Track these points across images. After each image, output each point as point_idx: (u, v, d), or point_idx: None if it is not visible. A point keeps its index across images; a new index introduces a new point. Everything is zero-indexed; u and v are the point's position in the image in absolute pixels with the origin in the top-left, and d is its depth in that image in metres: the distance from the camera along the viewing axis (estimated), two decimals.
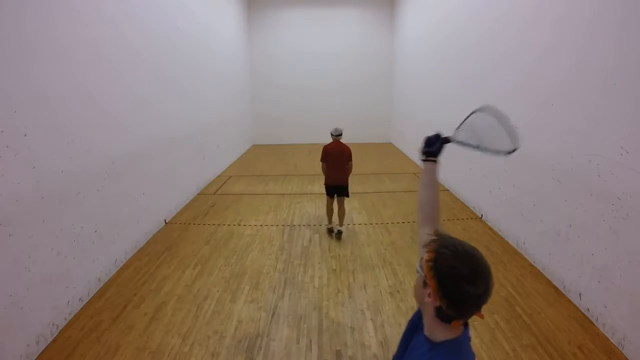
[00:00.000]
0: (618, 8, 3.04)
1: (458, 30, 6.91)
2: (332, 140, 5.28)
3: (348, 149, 5.16)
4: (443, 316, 1.04)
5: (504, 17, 5.08)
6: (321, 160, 5.33)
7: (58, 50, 3.37)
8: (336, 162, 5.16)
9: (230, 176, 8.83)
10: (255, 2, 12.68)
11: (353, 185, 7.84)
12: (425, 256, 1.03)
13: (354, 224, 5.65)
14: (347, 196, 5.27)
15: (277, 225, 5.64)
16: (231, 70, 10.58)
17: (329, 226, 5.35)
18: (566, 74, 3.71)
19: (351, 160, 5.18)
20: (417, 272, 1.08)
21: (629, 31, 2.92)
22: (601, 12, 3.23)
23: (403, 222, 5.72)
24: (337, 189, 5.20)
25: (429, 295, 1.02)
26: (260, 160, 10.77)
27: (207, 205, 6.60)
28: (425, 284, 1.03)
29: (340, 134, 5.22)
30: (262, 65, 13.06)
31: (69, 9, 3.56)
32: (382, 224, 5.64)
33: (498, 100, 5.27)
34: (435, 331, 1.10)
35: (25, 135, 2.95)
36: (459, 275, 0.96)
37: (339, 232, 5.14)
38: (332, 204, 5.34)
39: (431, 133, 1.62)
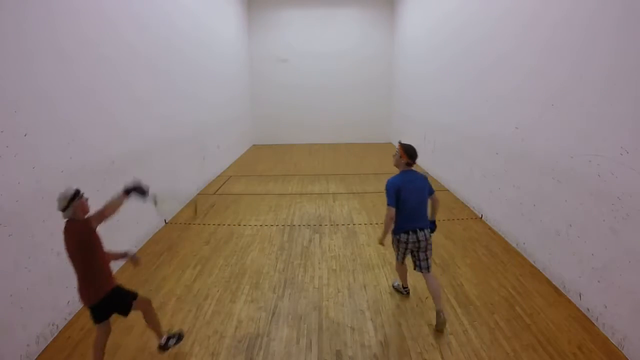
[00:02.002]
0: (618, 8, 3.04)
1: (458, 31, 6.91)
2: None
3: None
4: (406, 163, 3.28)
5: (504, 17, 5.08)
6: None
7: (58, 50, 3.38)
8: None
9: (230, 176, 8.83)
10: (255, 2, 12.69)
11: (353, 185, 7.88)
12: (398, 146, 3.32)
13: (354, 224, 5.65)
14: None
15: (277, 225, 5.64)
16: (231, 70, 10.58)
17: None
18: (566, 74, 3.71)
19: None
20: (394, 155, 3.37)
21: (628, 31, 2.92)
22: (601, 12, 3.23)
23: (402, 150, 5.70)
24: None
25: (400, 157, 3.29)
26: (260, 160, 10.77)
27: (207, 205, 6.60)
28: (400, 156, 3.29)
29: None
30: (262, 65, 13.06)
31: (69, 9, 3.57)
32: (382, 224, 5.63)
33: (498, 101, 5.27)
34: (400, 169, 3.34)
35: (25, 135, 2.95)
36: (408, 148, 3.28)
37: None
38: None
39: (431, 133, 1.65)
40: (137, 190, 2.89)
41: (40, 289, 3.06)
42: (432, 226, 3.36)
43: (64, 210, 2.46)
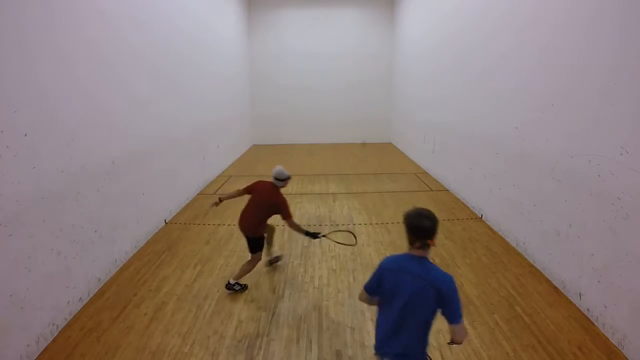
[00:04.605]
0: (618, 8, 3.04)
1: (458, 31, 6.91)
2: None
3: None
4: (409, 242, 1.92)
5: (504, 17, 5.08)
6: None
7: (58, 50, 3.38)
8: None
9: (230, 176, 8.82)
10: (255, 2, 12.69)
11: (353, 185, 7.88)
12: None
13: (354, 224, 5.65)
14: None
15: (277, 225, 5.63)
16: (231, 70, 10.58)
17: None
18: (566, 74, 3.71)
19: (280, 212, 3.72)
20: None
21: (629, 31, 2.92)
22: (601, 12, 3.23)
23: (403, 222, 5.70)
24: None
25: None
26: (260, 160, 10.77)
27: (207, 205, 6.59)
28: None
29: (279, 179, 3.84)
30: (262, 65, 13.06)
31: (69, 9, 3.56)
32: (382, 224, 5.64)
33: (498, 101, 5.27)
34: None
35: (25, 135, 2.95)
36: (409, 216, 1.94)
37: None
38: None
39: (431, 133, 1.66)
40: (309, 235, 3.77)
41: (40, 289, 3.06)
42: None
43: (281, 180, 3.77)
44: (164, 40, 5.84)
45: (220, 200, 3.96)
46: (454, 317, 1.78)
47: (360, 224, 5.65)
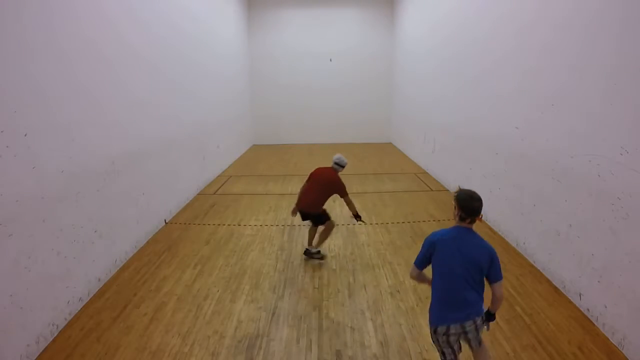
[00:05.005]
0: (618, 8, 3.04)
1: (458, 31, 6.91)
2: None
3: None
4: (459, 218, 2.25)
5: (504, 17, 5.08)
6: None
7: (57, 50, 3.37)
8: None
9: (230, 176, 8.83)
10: (255, 2, 12.69)
11: (353, 185, 7.86)
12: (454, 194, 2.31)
13: (354, 224, 5.65)
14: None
15: (277, 225, 5.64)
16: (231, 70, 10.58)
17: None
18: (566, 74, 3.71)
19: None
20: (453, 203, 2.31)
21: (629, 31, 2.92)
22: (601, 12, 3.23)
23: (403, 222, 5.72)
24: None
25: (455, 209, 2.26)
26: (260, 160, 10.77)
27: (207, 205, 6.60)
28: (454, 207, 2.26)
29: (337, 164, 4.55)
30: (262, 65, 13.07)
31: (69, 9, 3.56)
32: (382, 224, 5.64)
33: (498, 100, 5.28)
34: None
35: (25, 135, 2.95)
36: (461, 198, 2.24)
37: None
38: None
39: (431, 133, 1.69)
40: None
41: (40, 289, 3.06)
42: (490, 317, 2.32)
43: (341, 165, 4.49)
44: (164, 40, 5.84)
45: (295, 212, 4.49)
46: (499, 274, 2.25)
47: (360, 224, 5.65)
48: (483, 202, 2.23)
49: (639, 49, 2.82)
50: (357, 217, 4.39)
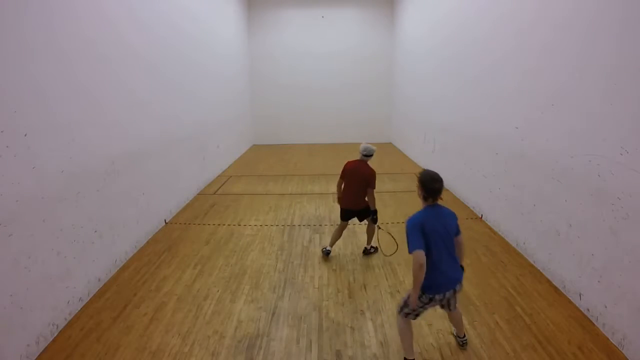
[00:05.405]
0: (618, 8, 3.04)
1: (458, 31, 6.91)
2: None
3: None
4: (423, 198, 2.54)
5: (504, 17, 5.08)
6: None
7: (58, 50, 3.37)
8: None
9: (230, 176, 8.83)
10: (255, 2, 12.69)
11: None
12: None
13: (354, 224, 5.64)
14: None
15: (277, 225, 5.64)
16: (231, 70, 10.58)
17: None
18: (566, 74, 3.71)
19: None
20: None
21: (629, 31, 2.92)
22: (601, 12, 3.23)
23: (403, 222, 5.68)
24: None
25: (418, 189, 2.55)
26: (260, 160, 10.77)
27: (207, 205, 6.60)
28: (418, 188, 2.56)
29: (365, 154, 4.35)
30: (262, 65, 13.06)
31: (69, 9, 3.56)
32: (381, 224, 5.63)
33: (498, 100, 5.27)
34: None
35: (25, 135, 2.95)
36: (424, 180, 2.50)
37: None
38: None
39: (431, 133, 1.71)
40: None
41: (40, 289, 3.06)
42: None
43: (369, 155, 4.29)
44: (164, 40, 5.84)
45: (339, 200, 4.53)
46: (459, 230, 2.63)
47: (360, 224, 5.65)
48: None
49: (639, 49, 2.82)
50: (374, 212, 4.41)
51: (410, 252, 2.38)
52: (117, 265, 4.31)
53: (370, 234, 4.61)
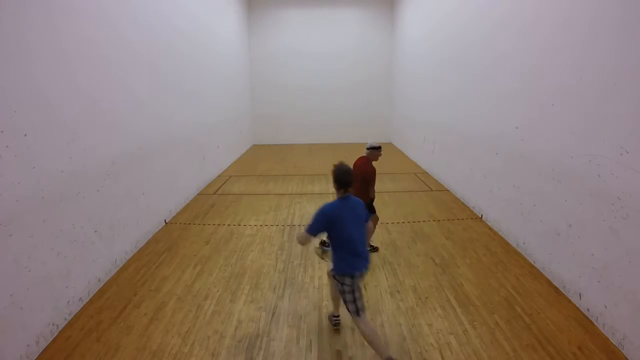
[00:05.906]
0: (618, 8, 3.04)
1: (458, 31, 6.91)
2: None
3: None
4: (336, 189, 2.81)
5: (504, 17, 5.08)
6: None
7: (58, 50, 3.37)
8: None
9: (230, 176, 8.83)
10: (255, 2, 12.69)
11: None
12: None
13: None
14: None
15: (277, 225, 5.64)
16: (231, 70, 10.58)
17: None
18: (566, 74, 3.71)
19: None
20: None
21: (629, 31, 2.92)
22: (601, 12, 3.23)
23: (403, 222, 5.72)
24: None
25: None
26: (260, 160, 10.77)
27: (207, 205, 6.60)
28: (333, 180, 2.82)
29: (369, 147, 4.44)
30: (262, 65, 13.06)
31: (69, 9, 3.56)
32: (382, 224, 5.63)
33: (498, 100, 5.28)
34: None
35: (25, 135, 2.95)
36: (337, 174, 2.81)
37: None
38: None
39: (431, 133, 1.69)
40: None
41: (40, 289, 3.06)
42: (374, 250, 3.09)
43: (367, 148, 4.33)
44: (164, 40, 5.84)
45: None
46: (368, 217, 2.97)
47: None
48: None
49: (639, 49, 2.82)
50: (372, 211, 4.33)
51: (306, 231, 2.74)
52: (117, 265, 4.31)
53: (369, 233, 4.59)
